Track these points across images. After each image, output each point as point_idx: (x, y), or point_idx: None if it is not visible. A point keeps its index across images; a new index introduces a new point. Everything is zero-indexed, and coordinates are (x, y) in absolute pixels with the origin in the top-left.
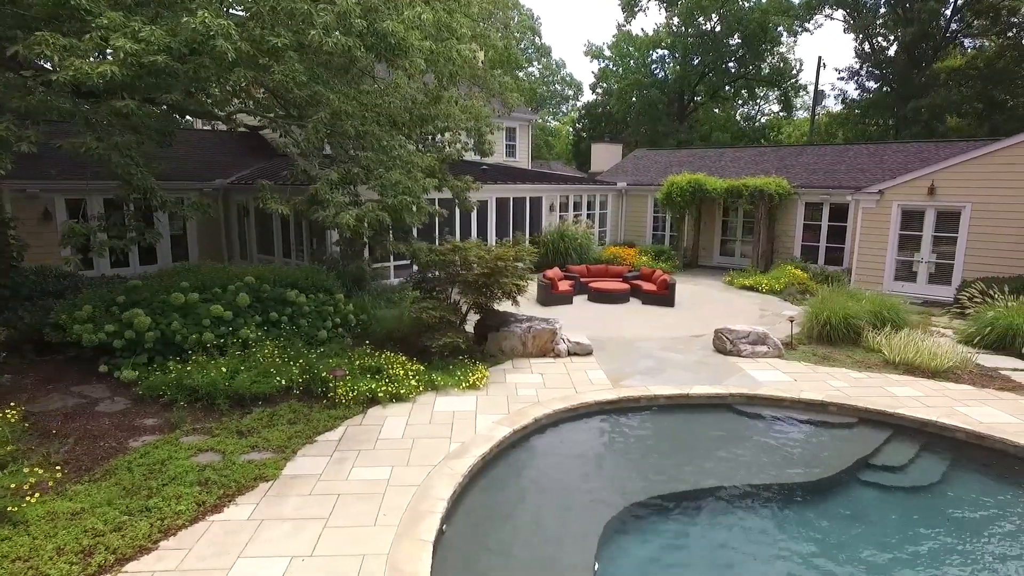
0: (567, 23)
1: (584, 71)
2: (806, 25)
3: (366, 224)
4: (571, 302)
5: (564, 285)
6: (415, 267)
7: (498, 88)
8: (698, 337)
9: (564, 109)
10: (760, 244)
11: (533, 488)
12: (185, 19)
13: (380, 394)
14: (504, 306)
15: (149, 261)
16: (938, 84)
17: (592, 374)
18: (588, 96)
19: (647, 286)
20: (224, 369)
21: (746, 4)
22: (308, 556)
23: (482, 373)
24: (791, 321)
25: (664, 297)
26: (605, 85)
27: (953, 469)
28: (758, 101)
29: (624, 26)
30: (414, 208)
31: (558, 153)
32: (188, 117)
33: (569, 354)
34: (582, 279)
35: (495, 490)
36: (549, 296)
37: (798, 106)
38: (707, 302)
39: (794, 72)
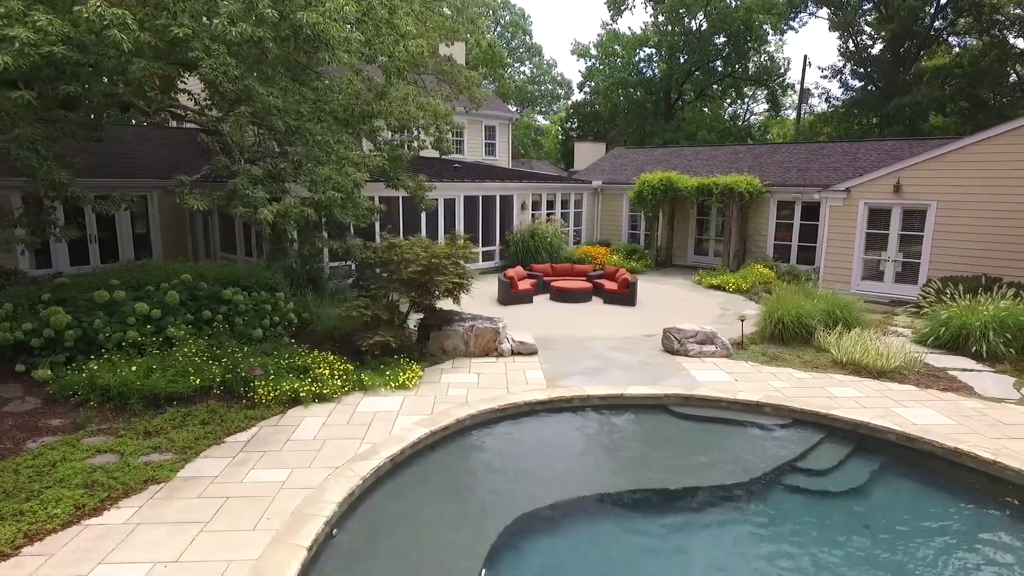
0: (558, 22)
1: (574, 70)
2: (791, 24)
3: (292, 221)
4: (531, 301)
5: (525, 284)
6: (352, 265)
7: (464, 83)
8: (650, 337)
9: (555, 108)
10: (731, 243)
11: (438, 491)
12: (77, 7)
13: (302, 394)
14: (455, 305)
15: (111, 259)
16: (922, 82)
17: (531, 374)
18: (578, 95)
19: (609, 285)
20: (135, 368)
21: (731, 2)
22: (172, 562)
23: (415, 373)
24: (742, 320)
25: (625, 296)
26: (593, 84)
27: (880, 472)
28: (746, 100)
29: (609, 25)
30: (348, 204)
31: (547, 152)
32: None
33: (513, 354)
34: (545, 278)
35: (398, 493)
36: (509, 295)
37: (787, 105)
38: (670, 301)
39: (782, 71)
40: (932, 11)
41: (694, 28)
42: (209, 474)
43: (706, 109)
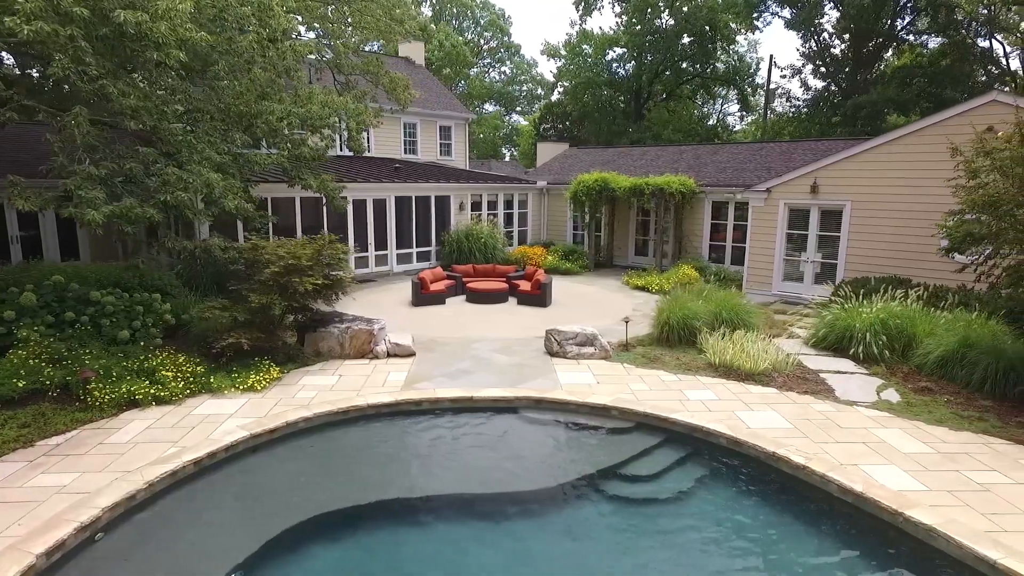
0: (538, 22)
1: (550, 70)
2: (756, 24)
3: (130, 222)
4: (444, 302)
5: (439, 285)
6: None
7: (388, 84)
8: (542, 338)
9: (535, 108)
10: (663, 243)
11: (234, 495)
12: None
13: (139, 397)
14: (328, 306)
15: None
16: (883, 82)
17: (394, 376)
18: (556, 96)
19: (523, 286)
20: None
21: (697, 1)
22: None
23: (270, 375)
24: (626, 322)
25: (537, 297)
26: (566, 84)
27: (705, 479)
28: (716, 100)
29: (576, 24)
30: (211, 204)
31: (523, 152)
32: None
33: (389, 355)
34: (464, 279)
35: (190, 497)
36: (420, 297)
37: (757, 105)
38: (585, 302)
39: (752, 71)
40: (893, 10)
41: (660, 27)
42: None
43: (677, 109)
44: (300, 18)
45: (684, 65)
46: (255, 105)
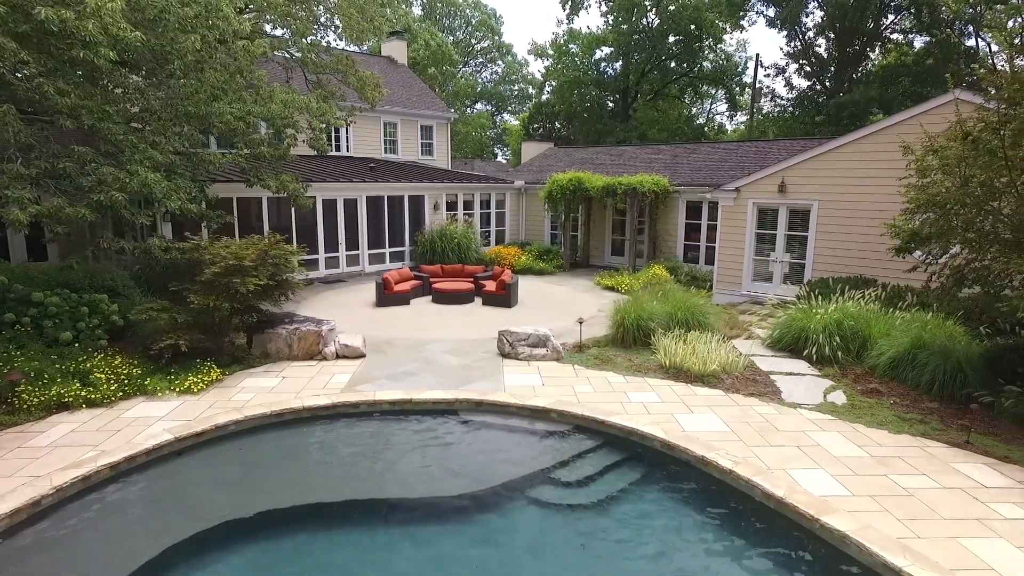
0: (530, 22)
1: (539, 70)
2: (741, 23)
3: (60, 221)
4: (408, 303)
5: (403, 286)
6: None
7: (356, 83)
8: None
9: (527, 107)
10: (637, 243)
11: (143, 499)
12: None
13: (70, 399)
14: (275, 307)
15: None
16: (867, 81)
17: (338, 378)
18: (544, 95)
19: (489, 286)
20: None
21: (681, 0)
22: None
23: (210, 377)
24: (580, 323)
25: (502, 297)
26: (553, 83)
27: (635, 483)
28: (705, 100)
29: (562, 23)
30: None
31: (514, 152)
32: None
33: (338, 357)
34: (431, 279)
35: (97, 501)
36: (383, 297)
37: (745, 105)
38: (552, 303)
39: (740, 71)
40: (877, 9)
41: (646, 26)
42: None
43: (668, 109)
44: (267, 16)
45: (671, 64)
46: (205, 106)
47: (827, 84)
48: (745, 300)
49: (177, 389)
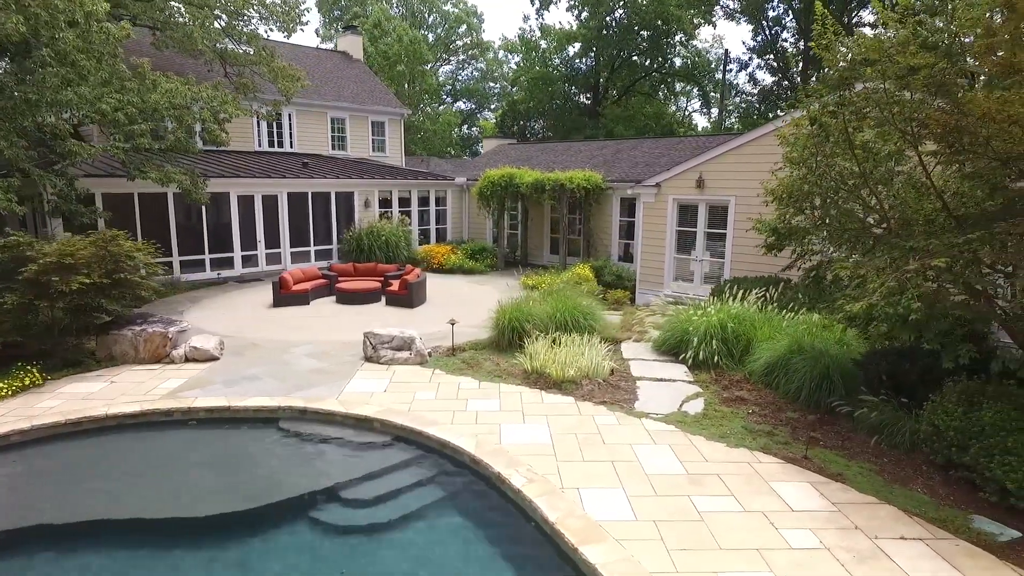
0: (509, 20)
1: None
2: (711, 18)
3: None
4: (307, 303)
5: (303, 285)
6: None
7: (270, 75)
8: None
9: (503, 104)
10: (567, 242)
11: None
12: None
13: None
14: (117, 308)
15: None
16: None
17: (170, 383)
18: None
19: (392, 287)
20: None
21: None
22: None
23: (23, 383)
24: (452, 324)
25: (404, 297)
26: (525, 80)
27: (436, 502)
28: (678, 97)
29: (529, 19)
30: None
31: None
32: None
33: (187, 360)
34: (338, 278)
35: None
36: (279, 297)
37: (717, 101)
38: (460, 303)
39: (712, 67)
40: (844, 3)
41: (613, 21)
42: None
43: (629, 106)
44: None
45: (642, 61)
46: (53, 93)
47: (793, 79)
48: (668, 300)
49: None
